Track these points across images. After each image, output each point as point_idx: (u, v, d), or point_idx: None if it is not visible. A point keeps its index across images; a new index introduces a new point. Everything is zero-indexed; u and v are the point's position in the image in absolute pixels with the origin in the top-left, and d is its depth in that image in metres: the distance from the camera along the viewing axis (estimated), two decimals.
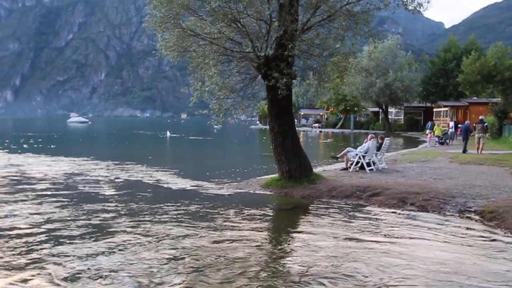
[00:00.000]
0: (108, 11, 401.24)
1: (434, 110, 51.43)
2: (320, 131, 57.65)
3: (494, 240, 6.96)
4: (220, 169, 16.13)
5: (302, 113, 78.69)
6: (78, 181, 12.83)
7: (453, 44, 54.16)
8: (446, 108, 47.21)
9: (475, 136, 20.76)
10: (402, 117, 58.16)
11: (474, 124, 22.36)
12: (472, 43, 51.23)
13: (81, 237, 6.88)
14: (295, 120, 13.16)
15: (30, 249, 6.24)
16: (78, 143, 35.40)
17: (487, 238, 7.06)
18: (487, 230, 7.56)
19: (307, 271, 5.47)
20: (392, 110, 57.74)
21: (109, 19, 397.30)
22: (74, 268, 5.48)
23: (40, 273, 5.33)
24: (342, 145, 28.86)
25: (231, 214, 8.69)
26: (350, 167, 13.82)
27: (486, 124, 21.78)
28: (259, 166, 17.62)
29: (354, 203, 9.80)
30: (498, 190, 10.20)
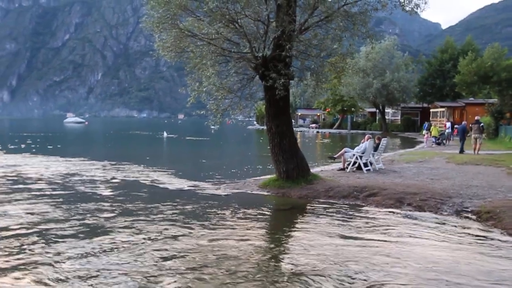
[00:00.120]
0: (104, 11, 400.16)
1: (431, 110, 51.61)
2: (317, 132, 57.79)
3: (490, 240, 6.98)
4: (217, 169, 16.11)
5: (300, 113, 78.75)
6: (74, 181, 12.79)
7: (449, 45, 54.42)
8: (443, 109, 47.40)
9: (471, 137, 20.87)
10: (399, 117, 58.27)
11: (470, 124, 22.47)
12: (468, 44, 51.40)
13: (75, 236, 6.86)
14: (292, 121, 13.15)
15: (23, 249, 6.21)
16: (75, 143, 35.30)
17: (483, 238, 7.08)
18: (483, 230, 7.59)
19: (301, 270, 5.48)
20: (389, 110, 57.92)
21: (106, 19, 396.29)
22: (67, 268, 5.45)
23: (32, 273, 5.30)
24: (339, 145, 28.88)
25: (227, 214, 8.68)
26: (347, 168, 13.84)
27: (482, 125, 21.90)
28: (256, 167, 17.62)
29: (351, 203, 9.81)
30: (494, 190, 10.24)
